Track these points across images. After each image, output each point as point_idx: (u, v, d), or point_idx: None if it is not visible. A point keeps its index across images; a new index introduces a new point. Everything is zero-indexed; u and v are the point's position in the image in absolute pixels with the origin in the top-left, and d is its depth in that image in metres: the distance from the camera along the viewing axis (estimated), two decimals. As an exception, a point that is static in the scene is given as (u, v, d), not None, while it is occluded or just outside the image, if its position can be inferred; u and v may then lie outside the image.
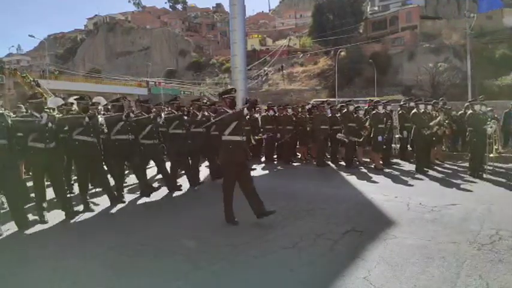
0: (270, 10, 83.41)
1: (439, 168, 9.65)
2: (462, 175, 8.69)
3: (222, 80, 51.81)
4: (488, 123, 8.49)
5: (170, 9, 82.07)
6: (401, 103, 11.70)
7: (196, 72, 59.05)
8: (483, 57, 34.37)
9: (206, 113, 8.37)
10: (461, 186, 7.66)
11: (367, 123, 9.79)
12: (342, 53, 42.31)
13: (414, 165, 9.45)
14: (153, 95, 41.87)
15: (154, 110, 7.57)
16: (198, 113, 8.17)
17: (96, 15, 79.76)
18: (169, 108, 8.30)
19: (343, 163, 10.27)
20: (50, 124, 5.52)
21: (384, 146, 10.00)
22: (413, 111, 9.54)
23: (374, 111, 9.91)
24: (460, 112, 10.90)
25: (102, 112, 6.94)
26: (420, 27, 45.80)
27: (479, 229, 4.98)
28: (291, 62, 51.64)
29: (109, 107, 7.70)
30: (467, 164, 9.16)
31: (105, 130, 6.63)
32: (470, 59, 19.13)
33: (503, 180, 8.09)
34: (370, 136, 9.63)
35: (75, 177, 7.01)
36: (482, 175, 8.46)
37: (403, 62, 42.26)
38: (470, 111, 8.81)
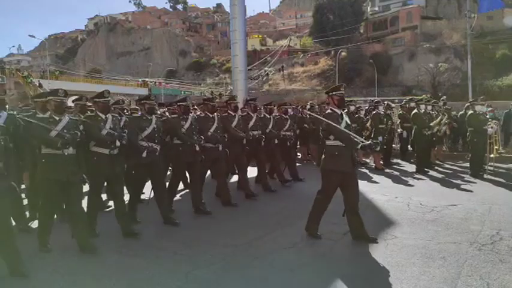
0: (270, 10, 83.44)
1: (439, 169, 9.65)
2: (462, 175, 8.68)
3: (223, 80, 51.83)
4: (489, 123, 8.49)
5: (170, 10, 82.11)
6: (402, 103, 11.71)
7: (196, 72, 59.07)
8: (484, 58, 34.36)
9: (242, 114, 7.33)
10: (462, 186, 7.65)
11: (368, 124, 9.79)
12: (343, 53, 42.32)
13: (414, 166, 9.45)
14: (153, 95, 41.88)
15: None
16: (233, 114, 7.00)
17: (96, 15, 79.88)
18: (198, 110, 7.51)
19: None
20: (111, 126, 4.77)
21: (385, 146, 10.00)
22: (414, 112, 9.55)
23: (374, 112, 9.90)
24: (460, 112, 10.90)
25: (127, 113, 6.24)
26: (421, 27, 45.79)
27: (479, 229, 4.98)
28: (292, 62, 51.63)
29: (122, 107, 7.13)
30: (467, 164, 9.15)
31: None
32: (471, 59, 19.10)
33: (504, 180, 8.09)
34: (371, 136, 9.63)
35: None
36: (482, 175, 8.46)
37: (404, 62, 42.27)
38: (470, 112, 8.80)
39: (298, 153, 11.76)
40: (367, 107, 11.71)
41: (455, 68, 36.81)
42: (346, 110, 5.24)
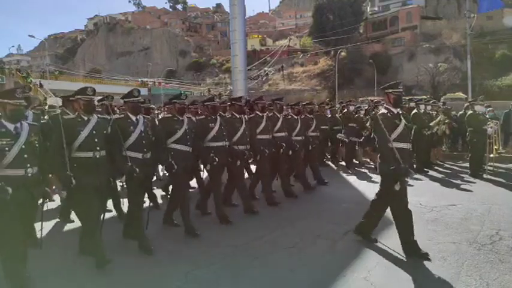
0: (270, 10, 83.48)
1: (439, 169, 9.65)
2: (462, 175, 8.69)
3: (222, 80, 51.84)
4: (489, 123, 8.50)
5: (170, 10, 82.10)
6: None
7: (196, 72, 59.07)
8: (483, 58, 34.37)
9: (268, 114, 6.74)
10: (461, 186, 7.66)
11: (367, 124, 9.79)
12: (342, 53, 42.33)
13: (414, 166, 9.45)
14: (153, 95, 41.85)
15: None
16: (260, 114, 6.56)
17: (96, 15, 79.84)
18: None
19: (343, 163, 10.27)
20: (143, 128, 4.43)
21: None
22: (413, 112, 9.55)
23: (374, 112, 9.89)
24: (460, 112, 10.91)
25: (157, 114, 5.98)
26: (420, 27, 45.81)
27: (479, 229, 4.98)
28: (291, 62, 51.64)
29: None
30: (467, 164, 9.16)
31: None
32: (471, 59, 19.10)
33: (503, 180, 8.09)
34: (371, 136, 9.62)
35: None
36: (482, 175, 8.47)
37: (403, 62, 42.29)
38: (470, 112, 8.81)
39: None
40: (366, 107, 11.70)
41: (455, 68, 36.82)
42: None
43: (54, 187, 4.36)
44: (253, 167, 6.93)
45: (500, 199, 6.59)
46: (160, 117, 6.73)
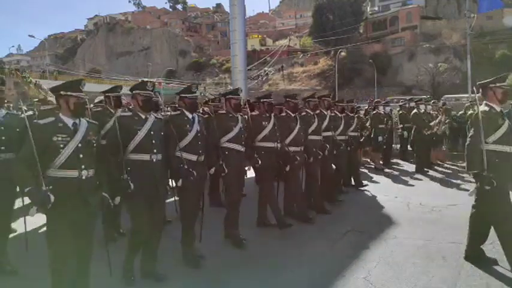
0: (270, 10, 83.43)
1: (439, 168, 9.66)
2: (462, 175, 8.69)
3: (222, 80, 51.82)
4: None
5: (170, 10, 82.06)
6: (401, 103, 11.71)
7: (196, 72, 59.04)
8: (483, 58, 34.31)
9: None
10: (461, 186, 7.66)
11: (367, 124, 9.79)
12: (342, 53, 42.32)
13: (414, 166, 9.46)
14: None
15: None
16: (325, 112, 6.27)
17: (96, 15, 79.81)
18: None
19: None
20: (199, 127, 4.00)
21: (384, 146, 10.00)
22: (413, 112, 9.55)
23: (374, 112, 9.90)
24: (460, 112, 10.90)
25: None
26: (420, 27, 45.79)
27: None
28: (291, 62, 51.63)
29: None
30: (467, 164, 9.15)
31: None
32: (471, 59, 19.12)
33: (503, 180, 8.09)
34: (371, 136, 9.64)
35: None
36: (482, 175, 8.46)
37: (403, 62, 42.26)
38: (470, 112, 8.81)
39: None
40: (366, 107, 11.69)
41: (455, 68, 36.82)
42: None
43: None
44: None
45: (500, 199, 6.58)
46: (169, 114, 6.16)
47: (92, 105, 5.19)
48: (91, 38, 76.56)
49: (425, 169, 9.14)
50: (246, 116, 5.11)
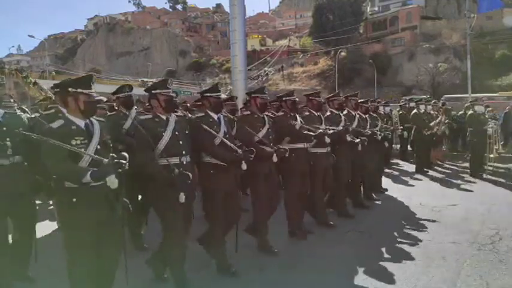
0: (270, 10, 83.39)
1: (439, 168, 9.66)
2: (462, 175, 8.70)
3: (222, 80, 51.79)
4: (489, 123, 8.51)
5: (170, 10, 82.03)
6: (402, 103, 11.71)
7: (196, 72, 59.02)
8: (483, 58, 34.31)
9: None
10: (461, 186, 7.67)
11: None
12: (342, 53, 42.32)
13: (414, 166, 9.45)
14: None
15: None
16: (354, 113, 6.01)
17: (96, 15, 79.78)
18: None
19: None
20: (226, 129, 3.78)
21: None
22: (413, 112, 9.55)
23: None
24: (460, 112, 10.91)
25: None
26: (420, 27, 45.77)
27: (479, 229, 4.98)
28: (291, 62, 51.62)
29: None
30: (467, 164, 9.17)
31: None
32: (470, 59, 19.10)
33: (503, 180, 8.10)
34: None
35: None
36: (482, 175, 8.47)
37: (403, 62, 42.25)
38: (470, 112, 8.81)
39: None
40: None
41: (455, 68, 36.81)
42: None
43: None
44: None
45: (500, 199, 6.59)
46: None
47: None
48: (91, 38, 76.56)
49: (425, 169, 9.14)
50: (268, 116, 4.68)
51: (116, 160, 2.52)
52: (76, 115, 2.76)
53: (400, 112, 10.96)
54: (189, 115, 4.64)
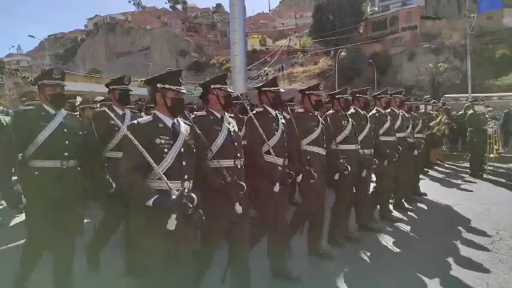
0: (270, 10, 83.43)
1: (439, 168, 9.66)
2: (462, 175, 8.70)
3: (222, 80, 51.80)
4: (489, 123, 8.51)
5: (170, 10, 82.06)
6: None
7: (196, 72, 59.04)
8: (483, 58, 34.33)
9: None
10: (461, 186, 7.67)
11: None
12: (342, 53, 42.30)
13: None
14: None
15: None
16: (397, 111, 5.73)
17: (96, 15, 79.82)
18: None
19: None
20: (283, 127, 3.55)
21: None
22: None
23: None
24: (460, 112, 10.91)
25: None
26: (420, 27, 45.77)
27: (479, 229, 4.99)
28: (291, 62, 51.62)
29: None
30: (467, 164, 9.16)
31: None
32: (471, 59, 19.15)
33: (503, 180, 8.11)
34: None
35: None
36: (482, 175, 8.47)
37: (403, 62, 42.25)
38: (470, 112, 8.81)
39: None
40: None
41: (455, 68, 36.81)
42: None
43: None
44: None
45: (501, 199, 6.60)
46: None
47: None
48: (91, 38, 76.57)
49: (425, 169, 9.14)
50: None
51: (185, 201, 2.30)
52: (164, 113, 2.58)
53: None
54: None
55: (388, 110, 5.54)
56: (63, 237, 3.09)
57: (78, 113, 4.69)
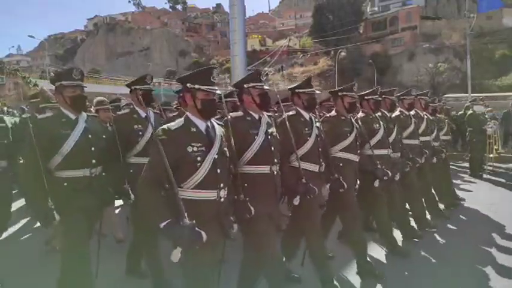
0: (269, 10, 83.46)
1: (439, 169, 9.64)
2: (462, 175, 8.70)
3: (222, 80, 51.84)
4: (488, 123, 8.52)
5: (170, 10, 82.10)
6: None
7: (196, 72, 59.09)
8: (483, 58, 34.34)
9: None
10: (461, 186, 7.67)
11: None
12: (342, 54, 42.35)
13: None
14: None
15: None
16: (407, 113, 5.15)
17: (96, 15, 79.83)
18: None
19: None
20: (318, 131, 3.31)
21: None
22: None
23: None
24: (460, 112, 10.91)
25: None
26: (420, 27, 45.79)
27: (479, 229, 4.99)
28: (291, 62, 51.64)
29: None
30: (467, 164, 9.16)
31: None
32: (470, 59, 19.16)
33: (503, 180, 8.11)
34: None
35: None
36: (482, 175, 8.48)
37: (403, 62, 42.27)
38: (470, 112, 8.82)
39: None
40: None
41: (455, 68, 36.83)
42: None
43: None
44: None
45: (500, 199, 6.59)
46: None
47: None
48: (91, 38, 76.60)
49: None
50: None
51: (197, 229, 2.08)
52: (195, 115, 2.36)
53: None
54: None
55: (413, 112, 5.18)
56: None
57: (96, 114, 4.44)
